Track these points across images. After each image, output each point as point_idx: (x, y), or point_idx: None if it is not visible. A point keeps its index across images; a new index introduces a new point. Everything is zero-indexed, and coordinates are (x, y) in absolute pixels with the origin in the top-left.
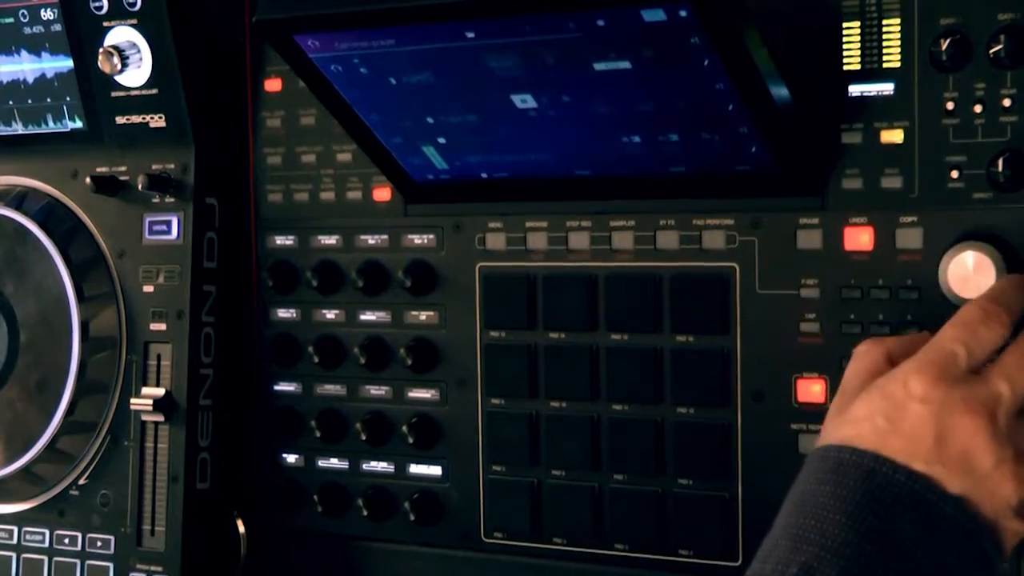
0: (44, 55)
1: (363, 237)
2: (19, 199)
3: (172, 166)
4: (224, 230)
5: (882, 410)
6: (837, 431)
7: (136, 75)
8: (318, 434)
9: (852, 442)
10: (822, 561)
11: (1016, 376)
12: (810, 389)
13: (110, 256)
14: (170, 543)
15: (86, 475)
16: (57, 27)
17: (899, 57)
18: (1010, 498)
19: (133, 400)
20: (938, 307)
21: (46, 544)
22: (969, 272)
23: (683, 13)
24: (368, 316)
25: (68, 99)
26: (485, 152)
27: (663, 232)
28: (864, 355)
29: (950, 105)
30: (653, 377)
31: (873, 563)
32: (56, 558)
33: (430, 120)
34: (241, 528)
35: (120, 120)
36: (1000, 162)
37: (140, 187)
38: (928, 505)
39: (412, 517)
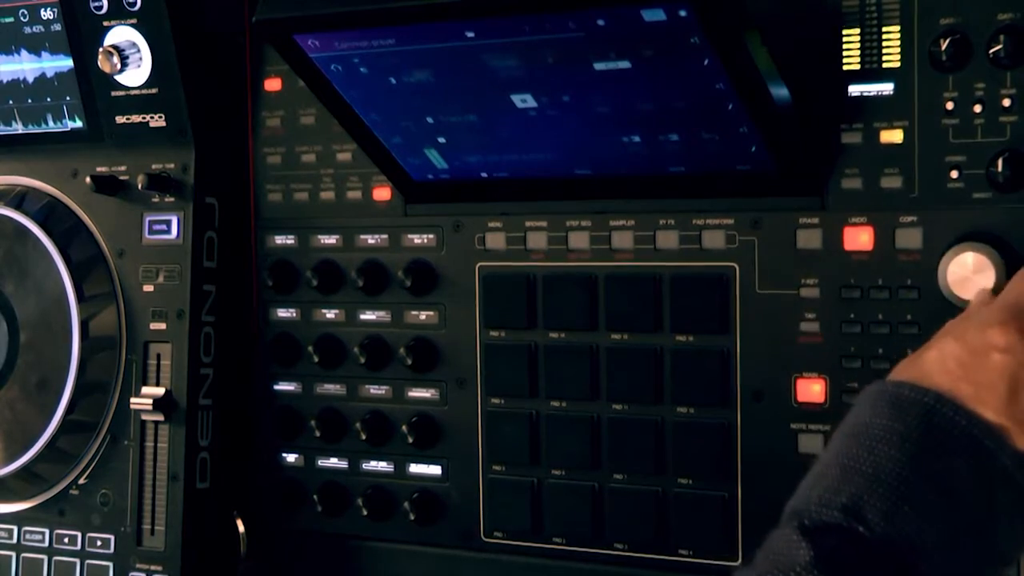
0: (44, 55)
1: (363, 237)
2: (19, 199)
3: (172, 166)
4: (224, 230)
5: (955, 355)
6: (902, 372)
7: (136, 75)
8: (318, 434)
9: (916, 381)
10: (872, 494)
11: None
12: (810, 389)
13: (110, 256)
14: (170, 542)
15: (86, 474)
16: (57, 27)
17: (899, 57)
18: None
19: (133, 400)
20: (938, 307)
21: (46, 543)
22: (969, 272)
23: (683, 13)
24: (368, 316)
25: (68, 99)
26: (485, 152)
27: (663, 232)
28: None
29: (950, 105)
30: (653, 377)
31: (924, 502)
32: (56, 557)
33: (430, 120)
34: (241, 528)
35: (120, 120)
36: (1000, 162)
37: (140, 187)
38: (986, 453)
39: (412, 517)
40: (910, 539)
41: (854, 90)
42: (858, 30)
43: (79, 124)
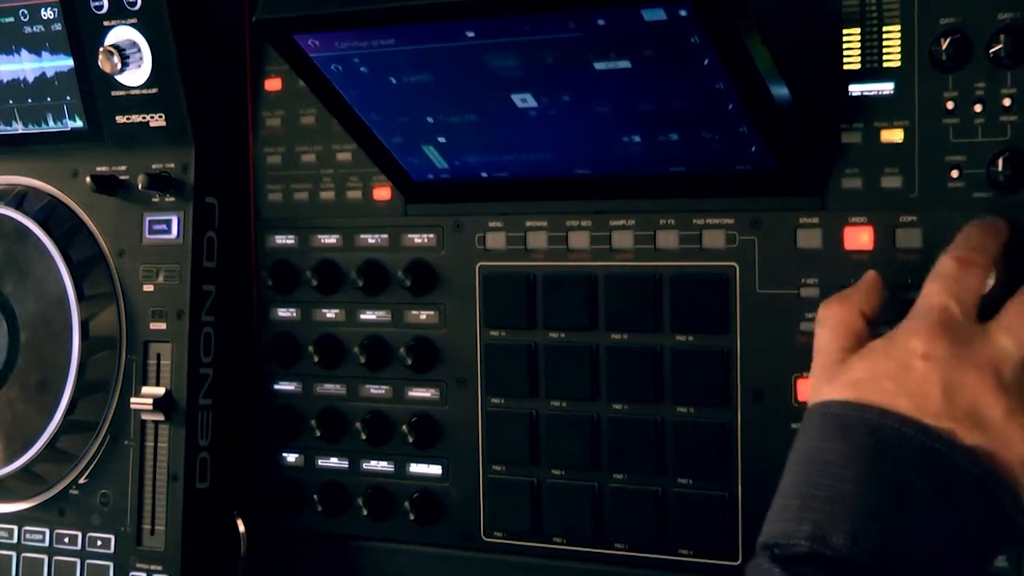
0: (44, 54)
1: (363, 237)
2: (19, 199)
3: (172, 165)
4: (224, 230)
5: (887, 372)
6: (837, 392)
7: (136, 74)
8: (318, 434)
9: (857, 400)
10: (834, 517)
11: (1019, 331)
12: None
13: (110, 255)
14: (170, 542)
15: (86, 474)
16: (57, 26)
17: (899, 56)
18: None
19: (133, 399)
20: None
21: (46, 543)
22: None
23: (683, 12)
24: (368, 316)
25: (68, 98)
26: (485, 151)
27: (663, 232)
28: (834, 316)
29: (950, 105)
30: (653, 377)
31: (886, 515)
32: (56, 557)
33: (430, 120)
34: (241, 528)
35: (120, 119)
36: (1000, 162)
37: (140, 186)
38: (939, 456)
39: (412, 517)
40: (879, 554)
41: (854, 90)
42: (858, 30)
43: (79, 124)
